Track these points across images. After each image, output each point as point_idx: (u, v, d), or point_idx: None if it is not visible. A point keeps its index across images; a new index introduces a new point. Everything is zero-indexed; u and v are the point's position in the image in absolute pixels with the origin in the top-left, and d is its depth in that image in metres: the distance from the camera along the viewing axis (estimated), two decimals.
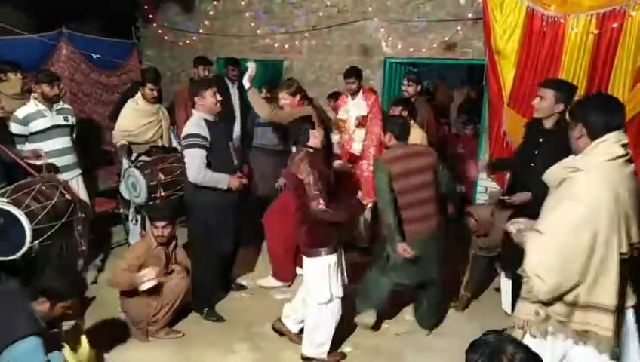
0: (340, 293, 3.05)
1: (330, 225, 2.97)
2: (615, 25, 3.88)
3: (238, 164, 3.68)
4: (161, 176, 4.05)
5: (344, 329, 3.42)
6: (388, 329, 3.55)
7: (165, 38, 6.96)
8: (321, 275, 2.97)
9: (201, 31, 6.68)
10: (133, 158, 4.29)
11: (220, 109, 3.51)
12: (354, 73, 4.70)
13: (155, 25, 6.97)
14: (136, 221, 4.36)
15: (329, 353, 3.12)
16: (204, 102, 3.42)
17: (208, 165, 3.38)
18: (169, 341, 3.35)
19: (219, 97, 3.46)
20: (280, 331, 3.40)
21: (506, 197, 3.19)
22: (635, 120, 3.93)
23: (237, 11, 6.41)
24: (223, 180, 3.44)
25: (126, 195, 4.29)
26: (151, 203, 4.09)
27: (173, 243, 3.54)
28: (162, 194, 4.07)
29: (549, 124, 3.04)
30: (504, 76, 4.44)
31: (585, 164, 2.02)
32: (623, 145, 2.03)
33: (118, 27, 6.64)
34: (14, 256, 3.05)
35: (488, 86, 4.64)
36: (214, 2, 6.53)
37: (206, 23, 6.61)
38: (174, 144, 4.74)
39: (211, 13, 6.58)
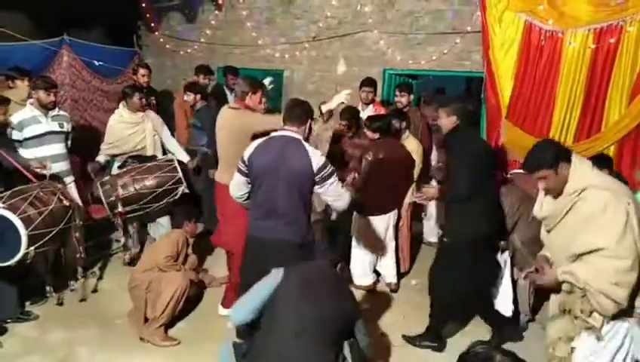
0: None
1: None
2: (612, 40, 3.92)
3: None
4: (120, 191, 3.90)
5: None
6: (383, 341, 3.53)
7: (167, 46, 7.02)
8: None
9: (202, 40, 6.74)
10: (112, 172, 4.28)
11: None
12: (372, 83, 4.72)
13: (157, 33, 7.04)
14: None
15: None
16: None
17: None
18: (167, 348, 3.33)
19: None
20: None
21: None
22: (632, 134, 3.95)
23: (238, 21, 6.47)
24: None
25: None
26: (114, 220, 4.05)
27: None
28: (120, 210, 3.93)
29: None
30: (502, 89, 4.47)
31: None
32: None
33: (121, 35, 6.70)
34: (9, 262, 3.05)
35: (487, 98, 4.66)
36: (216, 12, 6.60)
37: (208, 32, 6.67)
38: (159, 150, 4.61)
39: (213, 22, 6.64)
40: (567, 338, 2.38)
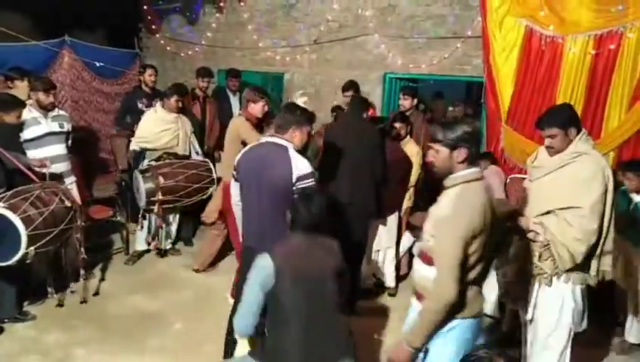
0: None
1: None
2: (612, 46, 3.94)
3: None
4: (160, 180, 4.06)
5: None
6: (382, 342, 3.52)
7: (168, 48, 7.03)
8: None
9: (203, 42, 6.75)
10: (145, 164, 4.31)
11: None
12: (352, 86, 4.74)
13: (158, 35, 7.05)
14: (142, 227, 4.41)
15: None
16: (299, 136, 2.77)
17: None
18: (165, 349, 3.33)
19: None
20: None
21: None
22: (631, 140, 3.96)
23: (239, 24, 6.49)
24: None
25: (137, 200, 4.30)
26: (152, 207, 4.11)
27: None
28: (160, 198, 4.07)
29: None
30: (502, 94, 4.48)
31: None
32: None
33: (122, 37, 6.71)
34: (9, 262, 3.04)
35: (486, 103, 4.67)
36: (217, 15, 6.62)
37: (209, 34, 6.68)
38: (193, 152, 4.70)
39: (214, 25, 6.66)
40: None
